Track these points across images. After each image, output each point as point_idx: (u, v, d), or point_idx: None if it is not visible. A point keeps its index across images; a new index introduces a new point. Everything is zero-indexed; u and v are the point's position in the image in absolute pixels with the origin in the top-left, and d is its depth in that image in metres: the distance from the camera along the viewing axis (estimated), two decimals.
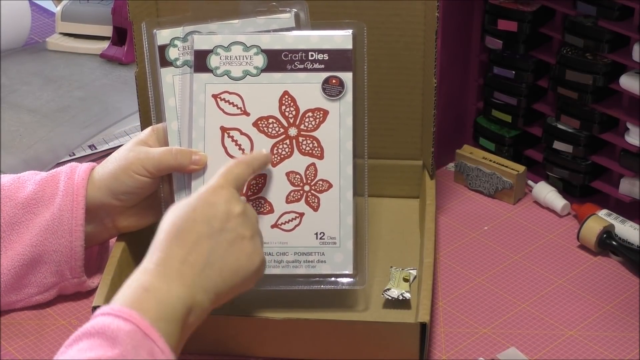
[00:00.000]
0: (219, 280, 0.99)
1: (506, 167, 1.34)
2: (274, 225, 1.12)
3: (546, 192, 1.33)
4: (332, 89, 1.12)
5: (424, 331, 1.06)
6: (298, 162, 1.12)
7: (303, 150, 1.12)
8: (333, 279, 1.12)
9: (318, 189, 1.12)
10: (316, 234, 1.12)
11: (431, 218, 1.21)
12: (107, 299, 1.09)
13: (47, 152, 1.43)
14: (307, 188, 1.12)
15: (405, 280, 1.17)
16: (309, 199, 1.12)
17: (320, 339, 1.08)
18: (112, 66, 1.65)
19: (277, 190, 1.12)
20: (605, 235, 1.24)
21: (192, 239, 0.99)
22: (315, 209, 1.12)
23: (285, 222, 1.12)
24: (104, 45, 1.67)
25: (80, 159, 1.44)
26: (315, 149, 1.12)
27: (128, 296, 0.94)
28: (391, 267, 1.20)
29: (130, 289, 0.95)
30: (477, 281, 1.21)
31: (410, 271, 1.19)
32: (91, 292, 1.18)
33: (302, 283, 1.12)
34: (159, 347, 0.91)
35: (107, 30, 1.68)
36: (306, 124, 1.12)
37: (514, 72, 1.33)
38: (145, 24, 1.15)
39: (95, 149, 1.47)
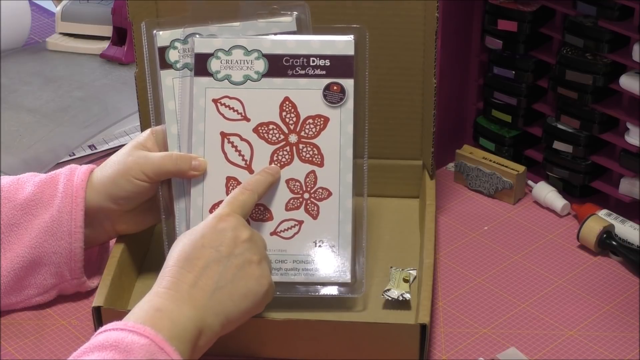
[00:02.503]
0: (230, 303, 1.00)
1: (506, 167, 1.34)
2: (273, 233, 1.12)
3: (546, 192, 1.33)
4: (333, 95, 1.11)
5: (424, 332, 1.06)
6: (298, 170, 1.12)
7: (303, 158, 1.12)
8: (331, 286, 1.12)
9: (317, 197, 1.12)
10: (315, 242, 1.12)
11: (431, 218, 1.21)
12: (107, 299, 1.09)
13: (47, 152, 1.43)
14: (306, 196, 1.12)
15: (405, 280, 1.17)
16: (308, 206, 1.12)
17: (320, 339, 1.08)
18: (112, 66, 1.64)
19: (277, 198, 1.12)
20: (605, 235, 1.24)
21: (201, 264, 1.00)
22: (315, 217, 1.12)
23: (285, 229, 1.12)
24: (104, 45, 1.67)
25: (80, 159, 1.44)
26: (316, 157, 1.12)
27: (140, 315, 0.95)
28: (391, 267, 1.20)
29: (143, 310, 0.96)
30: (477, 281, 1.21)
31: (410, 271, 1.19)
32: (91, 292, 1.18)
33: (300, 290, 1.12)
34: None
35: (107, 30, 1.68)
36: (306, 130, 1.12)
37: (514, 72, 1.33)
38: (145, 25, 1.14)
39: (95, 149, 1.47)
